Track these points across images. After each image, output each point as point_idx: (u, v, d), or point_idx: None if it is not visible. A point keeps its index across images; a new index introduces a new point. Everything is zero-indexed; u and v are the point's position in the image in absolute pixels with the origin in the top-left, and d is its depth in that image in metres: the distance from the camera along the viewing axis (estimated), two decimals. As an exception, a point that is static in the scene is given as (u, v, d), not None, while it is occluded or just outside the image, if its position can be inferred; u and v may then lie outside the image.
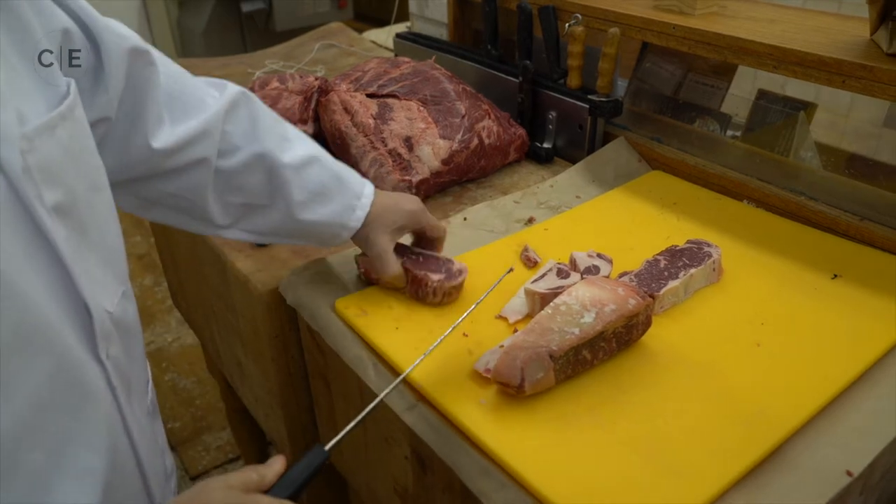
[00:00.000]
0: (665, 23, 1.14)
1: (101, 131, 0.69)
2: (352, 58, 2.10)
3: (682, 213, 1.07)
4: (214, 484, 0.58)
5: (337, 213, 0.85)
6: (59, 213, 0.54)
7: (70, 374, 0.53)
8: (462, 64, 1.48)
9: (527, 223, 1.09)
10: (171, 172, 0.76)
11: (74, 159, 0.57)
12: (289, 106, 1.30)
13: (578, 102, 1.25)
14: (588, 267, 0.90)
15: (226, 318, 1.18)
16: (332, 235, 0.87)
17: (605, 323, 0.72)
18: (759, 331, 0.82)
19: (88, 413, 0.56)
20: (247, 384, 1.23)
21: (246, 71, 2.01)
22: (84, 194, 0.59)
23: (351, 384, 0.87)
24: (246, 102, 0.80)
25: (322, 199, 0.84)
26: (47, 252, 0.52)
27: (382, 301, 0.88)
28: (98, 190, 0.62)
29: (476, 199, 1.19)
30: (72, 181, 0.57)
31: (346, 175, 0.87)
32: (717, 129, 1.34)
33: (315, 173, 0.84)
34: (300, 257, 1.03)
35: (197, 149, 0.76)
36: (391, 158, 1.17)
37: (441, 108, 1.22)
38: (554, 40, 1.30)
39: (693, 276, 0.88)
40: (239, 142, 0.79)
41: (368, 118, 1.21)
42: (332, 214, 0.85)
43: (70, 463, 0.54)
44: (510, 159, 1.29)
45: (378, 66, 1.36)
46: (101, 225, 0.62)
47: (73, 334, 0.54)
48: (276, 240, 0.89)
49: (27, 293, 0.50)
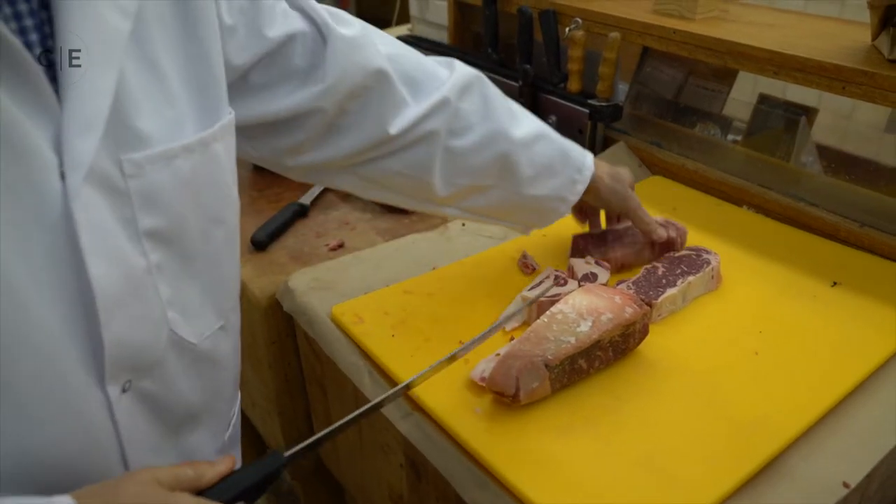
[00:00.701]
0: (665, 27, 1.13)
1: (314, 121, 0.72)
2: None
3: (682, 218, 1.06)
4: (139, 476, 0.53)
5: (559, 187, 0.86)
6: (157, 239, 0.55)
7: (63, 401, 0.52)
8: (462, 68, 1.48)
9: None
10: (401, 150, 0.77)
11: (194, 192, 0.57)
12: (288, 110, 1.30)
13: (578, 107, 1.25)
14: (586, 274, 0.90)
15: (224, 322, 1.18)
16: (551, 210, 0.88)
17: (601, 332, 0.72)
18: (758, 339, 0.81)
19: (82, 445, 0.54)
20: (245, 389, 1.23)
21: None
22: (198, 224, 0.59)
23: (347, 391, 0.87)
24: (478, 82, 0.81)
25: (548, 173, 0.85)
26: (79, 276, 0.50)
27: (378, 308, 0.88)
28: (220, 223, 0.62)
29: (475, 204, 1.19)
30: (183, 210, 0.57)
31: (570, 148, 0.88)
32: (717, 133, 1.33)
33: (543, 148, 0.85)
34: (298, 263, 1.03)
35: (429, 123, 0.77)
36: (390, 163, 1.16)
37: (440, 113, 1.21)
38: (554, 44, 1.30)
39: (691, 283, 0.88)
40: (473, 119, 0.79)
41: (367, 122, 1.21)
42: (555, 188, 0.86)
43: (50, 485, 0.52)
44: (509, 164, 1.28)
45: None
46: (213, 257, 0.62)
47: (78, 362, 0.52)
48: (491, 219, 0.90)
49: (33, 309, 0.48)
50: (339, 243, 1.09)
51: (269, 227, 1.10)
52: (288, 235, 1.12)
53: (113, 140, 0.50)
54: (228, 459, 0.58)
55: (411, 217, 1.16)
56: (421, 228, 1.12)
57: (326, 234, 1.12)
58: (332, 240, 1.10)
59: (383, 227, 1.14)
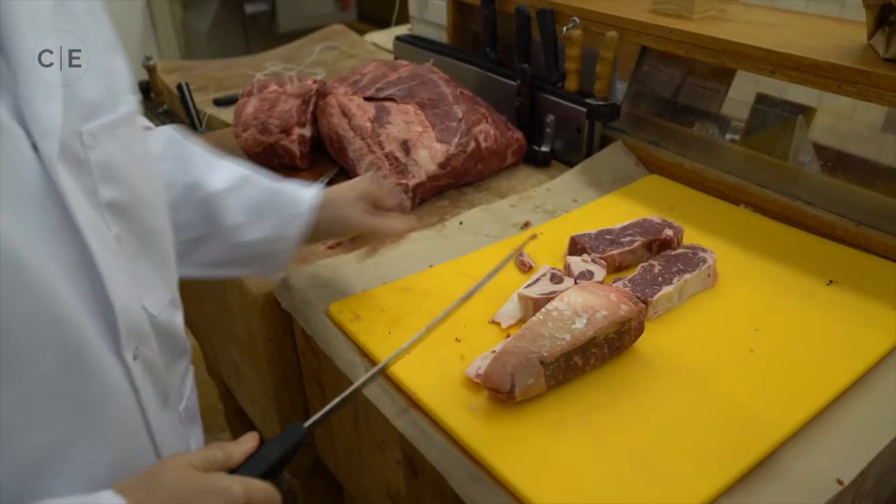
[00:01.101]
0: (662, 27, 1.14)
1: None
2: (352, 60, 2.11)
3: (679, 217, 1.06)
4: (172, 462, 0.55)
5: (276, 227, 0.82)
6: (115, 211, 0.56)
7: (86, 370, 0.53)
8: (461, 67, 1.48)
9: (523, 227, 1.09)
10: None
11: (141, 163, 0.60)
12: (286, 109, 1.30)
13: (576, 106, 1.25)
14: (582, 272, 0.90)
15: (223, 321, 1.18)
16: (277, 252, 0.84)
17: (596, 329, 0.72)
18: (753, 337, 0.82)
19: (104, 411, 0.55)
20: (243, 387, 1.23)
21: (247, 73, 2.02)
22: (147, 196, 0.61)
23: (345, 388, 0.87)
24: (173, 140, 0.81)
25: (259, 216, 0.82)
26: (77, 246, 0.51)
27: (375, 305, 0.88)
28: (161, 196, 0.64)
29: (473, 202, 1.19)
30: (135, 183, 0.59)
31: (281, 188, 0.84)
32: (716, 132, 1.33)
33: (249, 192, 0.82)
34: (297, 262, 1.03)
35: None
36: (388, 162, 1.17)
37: (438, 112, 1.22)
38: (552, 44, 1.30)
39: (687, 281, 0.88)
40: (170, 178, 0.77)
41: (366, 121, 1.21)
42: (272, 229, 0.82)
43: (74, 455, 0.53)
44: (508, 163, 1.29)
45: (376, 69, 1.36)
46: (161, 231, 0.64)
47: (95, 331, 0.53)
48: (227, 272, 0.87)
49: (46, 281, 0.49)
50: (338, 242, 1.09)
51: (268, 226, 1.10)
52: (286, 234, 1.12)
53: (70, 110, 0.51)
54: (252, 437, 0.60)
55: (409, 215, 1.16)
56: (418, 226, 1.12)
57: (325, 232, 1.13)
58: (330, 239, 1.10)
59: (381, 226, 1.14)
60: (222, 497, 0.55)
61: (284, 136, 1.29)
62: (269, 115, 1.30)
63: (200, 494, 0.54)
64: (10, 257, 0.46)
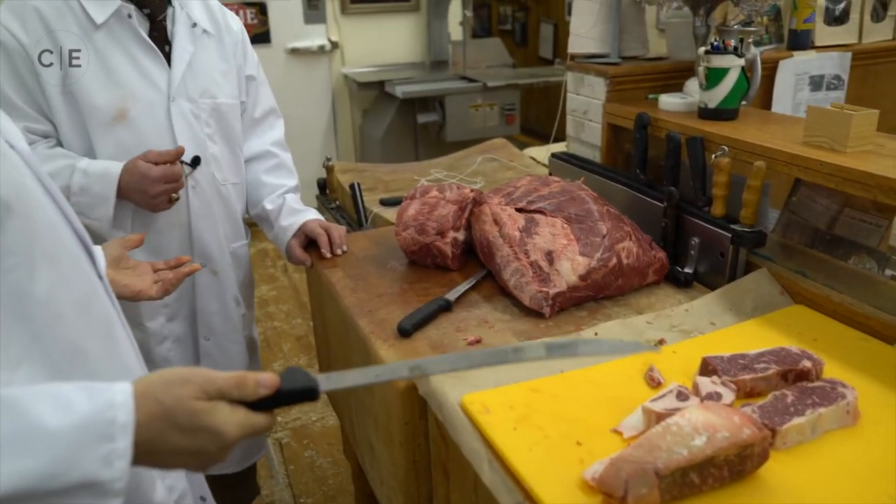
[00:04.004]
0: (812, 159, 1.15)
1: None
2: (510, 172, 2.25)
3: (822, 350, 1.04)
4: (193, 377, 0.66)
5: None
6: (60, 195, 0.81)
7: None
8: (611, 185, 1.56)
9: (657, 344, 1.11)
10: None
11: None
12: (444, 213, 1.43)
13: (721, 231, 1.28)
14: (710, 393, 0.91)
15: (364, 400, 1.28)
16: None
17: (715, 448, 0.73)
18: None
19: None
20: (375, 466, 1.31)
21: (412, 177, 2.21)
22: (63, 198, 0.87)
23: (468, 477, 0.93)
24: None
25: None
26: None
27: (505, 402, 0.94)
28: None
29: (610, 315, 1.23)
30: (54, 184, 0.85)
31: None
32: (873, 267, 1.29)
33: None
34: (437, 353, 1.12)
35: None
36: (532, 270, 1.25)
37: (584, 227, 1.29)
38: (700, 169, 1.35)
39: (822, 415, 0.86)
40: None
41: (515, 230, 1.31)
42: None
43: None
44: (648, 281, 1.32)
45: (529, 183, 1.46)
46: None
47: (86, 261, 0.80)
48: None
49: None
50: (477, 339, 1.17)
51: (415, 318, 1.21)
52: (431, 327, 1.22)
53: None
54: (272, 381, 0.69)
55: (547, 322, 1.22)
56: (556, 333, 1.18)
57: (466, 329, 1.21)
58: (470, 335, 1.18)
59: (520, 329, 1.20)
60: (214, 440, 0.65)
61: (440, 238, 1.41)
62: (427, 217, 1.43)
63: (194, 430, 0.64)
64: (50, 219, 0.75)
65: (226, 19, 1.58)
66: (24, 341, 0.69)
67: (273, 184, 1.67)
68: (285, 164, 1.72)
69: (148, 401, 0.64)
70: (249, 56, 1.63)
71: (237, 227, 1.66)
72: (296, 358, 3.08)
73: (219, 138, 1.55)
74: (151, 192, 1.39)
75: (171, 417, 0.64)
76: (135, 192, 1.40)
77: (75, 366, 0.74)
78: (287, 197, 1.66)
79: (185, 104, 1.47)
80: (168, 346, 1.59)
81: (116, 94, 1.40)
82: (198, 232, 1.53)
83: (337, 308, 1.37)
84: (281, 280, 3.88)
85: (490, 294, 1.33)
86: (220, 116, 1.53)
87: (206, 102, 1.50)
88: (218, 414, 0.66)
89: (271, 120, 1.72)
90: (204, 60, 1.50)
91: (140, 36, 1.41)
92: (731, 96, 1.41)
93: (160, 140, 1.44)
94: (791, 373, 0.95)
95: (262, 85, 1.67)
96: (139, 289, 1.17)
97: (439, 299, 1.27)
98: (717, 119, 1.43)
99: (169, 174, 1.40)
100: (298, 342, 3.21)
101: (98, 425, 0.61)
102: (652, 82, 1.65)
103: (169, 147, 1.43)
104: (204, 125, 1.50)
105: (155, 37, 1.44)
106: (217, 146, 1.54)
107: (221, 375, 0.67)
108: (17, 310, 0.69)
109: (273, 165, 1.70)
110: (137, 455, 0.63)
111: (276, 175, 1.69)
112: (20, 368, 0.69)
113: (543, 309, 1.22)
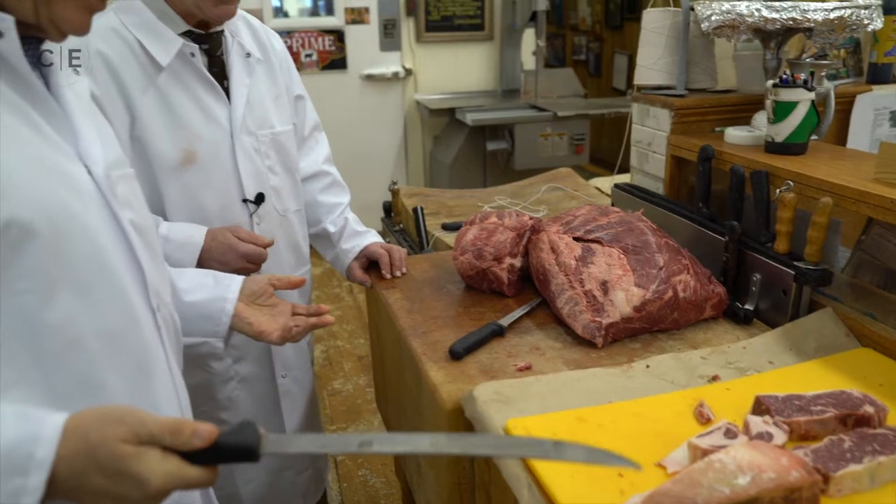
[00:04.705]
0: (882, 196, 1.11)
1: None
2: (574, 202, 2.24)
3: (887, 397, 1.00)
4: (127, 419, 0.64)
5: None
6: (135, 228, 0.85)
7: (131, 315, 0.82)
8: (672, 218, 1.54)
9: (710, 380, 1.09)
10: None
11: (140, 201, 0.92)
12: (502, 240, 1.44)
13: (784, 268, 1.24)
14: (761, 432, 0.88)
15: (415, 421, 1.29)
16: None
17: (759, 489, 0.71)
18: (953, 538, 0.74)
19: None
20: (422, 487, 1.32)
21: (476, 203, 2.24)
22: (150, 226, 0.93)
23: (509, 501, 0.93)
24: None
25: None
26: (122, 237, 0.82)
27: (549, 428, 0.94)
28: (154, 228, 0.96)
29: (664, 349, 1.22)
30: (142, 213, 0.90)
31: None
32: (950, 313, 1.23)
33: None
34: (486, 377, 1.13)
35: None
36: (586, 299, 1.24)
37: (640, 258, 1.28)
38: (764, 204, 1.32)
39: (882, 464, 0.83)
40: None
41: (571, 259, 1.31)
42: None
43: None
44: (706, 315, 1.29)
45: (588, 212, 1.46)
46: (158, 248, 0.95)
47: (135, 289, 0.83)
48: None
49: (110, 253, 0.80)
50: (527, 365, 1.17)
51: (467, 342, 1.22)
52: (482, 351, 1.23)
53: (105, 156, 0.84)
54: (209, 432, 0.66)
55: (599, 352, 1.21)
56: (606, 364, 1.17)
57: (517, 355, 1.21)
58: (521, 361, 1.18)
59: (571, 358, 1.20)
60: (137, 487, 0.62)
61: (496, 263, 1.43)
62: (485, 243, 1.45)
63: (118, 475, 0.62)
64: (96, 246, 0.77)
65: (270, 40, 1.56)
66: (25, 365, 0.70)
67: (330, 203, 1.70)
68: (338, 181, 1.74)
69: (76, 437, 0.63)
70: (294, 74, 1.63)
71: (300, 254, 1.65)
72: (355, 377, 3.13)
73: (279, 168, 1.54)
74: (233, 266, 1.37)
75: (95, 457, 0.62)
76: (215, 262, 1.37)
77: (86, 397, 0.74)
78: (348, 217, 1.69)
79: (247, 139, 1.45)
80: (233, 387, 1.55)
81: (182, 136, 1.38)
82: (264, 267, 1.46)
83: (392, 328, 1.39)
84: (346, 300, 3.96)
85: (544, 321, 1.33)
86: (278, 146, 1.53)
87: (264, 134, 1.49)
88: (144, 461, 0.63)
89: (316, 135, 1.73)
90: (259, 91, 1.49)
91: (203, 74, 1.39)
92: (800, 130, 1.38)
93: (225, 179, 1.44)
94: (850, 417, 0.92)
95: (307, 102, 1.68)
96: (262, 329, 1.14)
97: (492, 324, 1.28)
98: (785, 153, 1.39)
99: (254, 254, 1.39)
100: (359, 362, 3.26)
101: (15, 457, 0.60)
102: (719, 115, 1.63)
103: (233, 187, 1.44)
104: (264, 158, 1.49)
105: (215, 73, 1.42)
106: (277, 177, 1.53)
107: (157, 420, 0.65)
108: (22, 333, 0.69)
109: (328, 184, 1.71)
110: (56, 491, 0.62)
111: (331, 193, 1.71)
112: (14, 390, 0.69)
113: (596, 339, 1.21)
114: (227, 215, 1.45)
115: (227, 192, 1.45)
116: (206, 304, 1.12)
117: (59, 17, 0.71)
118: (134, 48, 1.33)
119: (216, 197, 1.44)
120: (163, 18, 1.34)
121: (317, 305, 1.25)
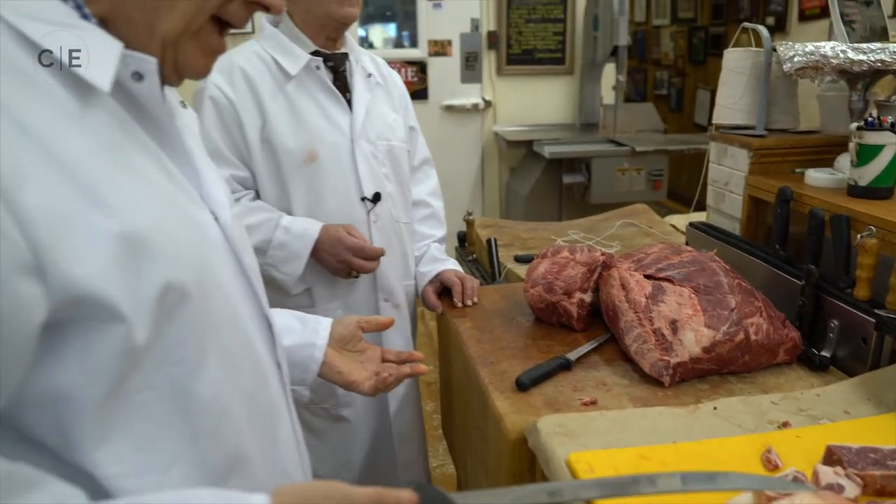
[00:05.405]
0: (970, 249, 1.08)
1: None
2: (648, 239, 2.23)
3: (971, 454, 0.96)
4: (328, 490, 0.62)
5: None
6: (254, 275, 0.80)
7: (258, 367, 0.78)
8: (747, 259, 1.52)
9: (780, 426, 1.07)
10: None
11: (248, 242, 0.85)
12: (573, 274, 1.46)
13: (864, 315, 1.21)
14: (831, 483, 0.87)
15: (479, 448, 1.32)
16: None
17: (823, 540, 0.70)
18: None
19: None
20: None
21: (549, 237, 2.26)
22: (258, 269, 0.85)
23: None
24: None
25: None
26: (246, 282, 0.78)
27: (611, 464, 0.95)
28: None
29: (733, 391, 1.20)
30: (251, 254, 0.83)
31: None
32: None
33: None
34: (551, 409, 1.14)
35: None
36: (654, 337, 1.24)
37: (712, 299, 1.27)
38: (844, 249, 1.29)
39: (960, 524, 0.80)
40: None
41: (641, 296, 1.31)
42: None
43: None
44: (778, 360, 1.27)
45: (661, 250, 1.46)
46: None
47: (261, 339, 0.79)
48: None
49: (235, 299, 0.75)
50: (593, 400, 1.18)
51: (534, 373, 1.24)
52: (549, 384, 1.24)
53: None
54: (411, 500, 0.64)
55: (666, 391, 1.21)
56: (673, 403, 1.16)
57: (583, 389, 1.22)
58: (586, 396, 1.19)
59: (637, 395, 1.20)
60: None
61: (566, 297, 1.44)
62: (556, 277, 1.47)
63: None
64: (231, 303, 0.73)
65: (391, 75, 1.75)
66: (180, 442, 0.65)
67: (423, 233, 1.80)
68: (436, 215, 1.85)
69: (290, 497, 0.61)
70: (410, 109, 1.79)
71: (407, 265, 1.75)
72: (424, 403, 3.16)
73: (393, 178, 1.67)
74: (339, 257, 1.53)
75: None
76: (325, 253, 1.53)
77: (236, 472, 0.70)
78: (432, 246, 1.78)
79: (366, 145, 1.60)
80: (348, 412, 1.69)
81: (306, 138, 1.54)
82: (381, 265, 1.61)
83: (461, 356, 1.42)
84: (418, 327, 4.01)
85: (611, 357, 1.34)
86: (393, 158, 1.66)
87: (382, 144, 1.63)
88: None
89: (426, 169, 1.86)
90: (379, 106, 1.65)
91: (327, 85, 1.57)
92: (886, 175, 1.35)
93: (345, 178, 1.59)
94: (930, 474, 0.89)
95: (419, 136, 1.82)
96: (353, 379, 1.08)
97: (560, 357, 1.30)
98: (868, 197, 1.36)
99: (358, 249, 1.54)
100: (428, 388, 3.29)
101: None
102: (799, 156, 1.61)
103: (352, 186, 1.59)
104: (381, 165, 1.63)
105: (338, 86, 1.59)
106: (392, 185, 1.66)
107: (360, 491, 0.63)
108: (177, 407, 0.64)
109: (426, 215, 1.82)
110: None
111: (427, 225, 1.82)
112: (173, 470, 0.64)
113: (663, 378, 1.21)
114: (346, 212, 1.59)
115: (347, 191, 1.59)
116: (294, 351, 1.03)
117: (183, 61, 0.67)
118: (269, 64, 1.55)
119: (336, 194, 1.58)
120: (294, 40, 1.55)
121: (409, 352, 1.18)
